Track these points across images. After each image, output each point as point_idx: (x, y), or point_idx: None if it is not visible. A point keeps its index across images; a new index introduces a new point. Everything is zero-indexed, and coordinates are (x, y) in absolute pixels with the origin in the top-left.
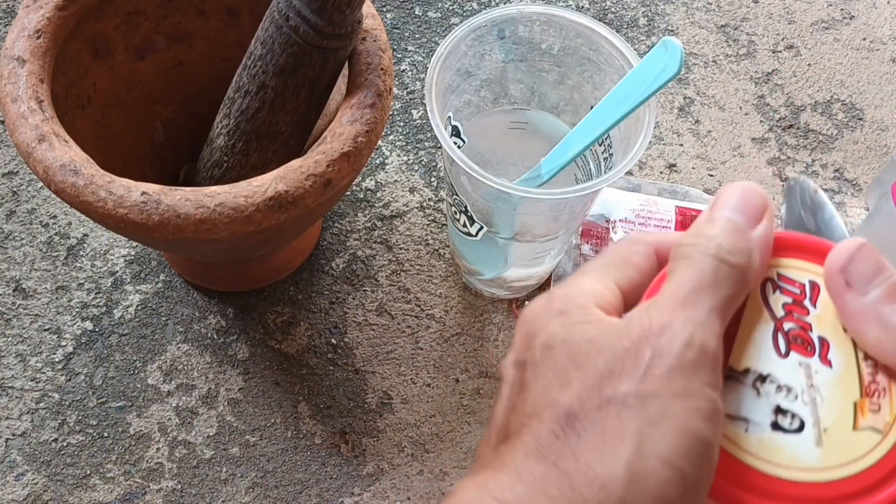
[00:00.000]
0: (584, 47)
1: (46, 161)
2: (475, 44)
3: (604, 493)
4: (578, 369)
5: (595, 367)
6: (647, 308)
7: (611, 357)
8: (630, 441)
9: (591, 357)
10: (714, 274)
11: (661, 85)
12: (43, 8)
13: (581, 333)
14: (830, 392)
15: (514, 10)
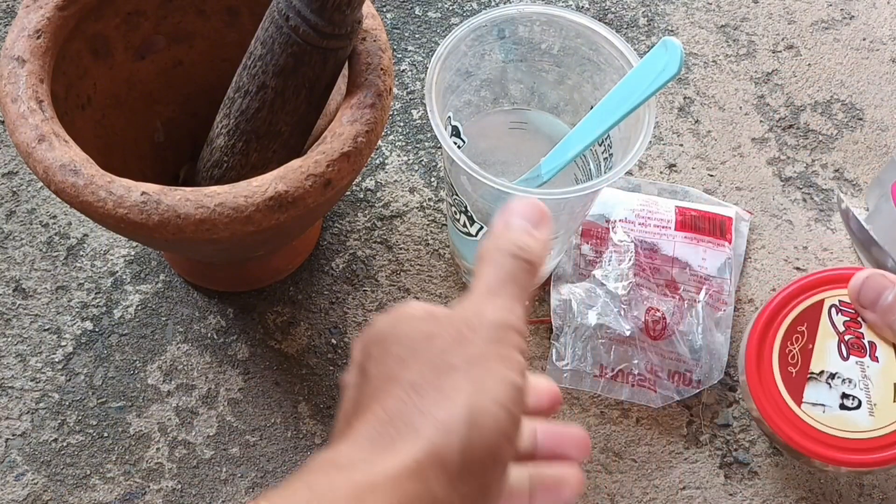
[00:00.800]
0: (584, 47)
1: (46, 161)
2: (475, 44)
3: (450, 434)
4: (416, 354)
5: (430, 351)
6: (464, 300)
7: (440, 342)
8: (465, 392)
9: (426, 344)
10: (511, 269)
11: (662, 85)
12: (43, 8)
13: (414, 328)
14: (878, 379)
15: (514, 10)
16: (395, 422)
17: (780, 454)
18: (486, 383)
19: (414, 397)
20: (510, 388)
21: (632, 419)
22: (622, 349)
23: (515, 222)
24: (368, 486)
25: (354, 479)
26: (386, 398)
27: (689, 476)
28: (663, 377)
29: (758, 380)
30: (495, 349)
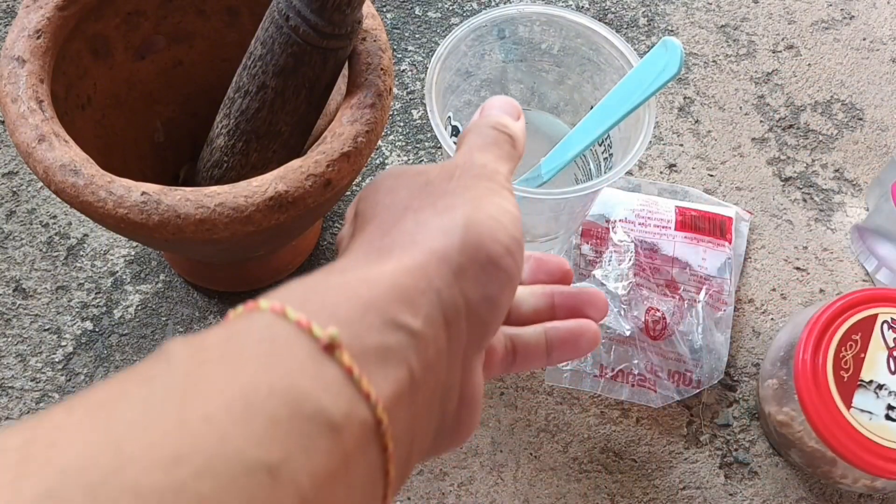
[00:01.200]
0: (584, 47)
1: (46, 161)
2: (475, 44)
3: (449, 237)
4: (410, 186)
5: (423, 183)
6: (452, 157)
7: (433, 177)
8: (462, 209)
9: (418, 178)
10: (494, 137)
11: (662, 85)
12: (43, 8)
13: (405, 171)
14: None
15: (514, 10)
16: (392, 233)
17: (780, 454)
18: (482, 203)
19: (410, 214)
20: (506, 212)
21: (632, 419)
22: (622, 349)
23: (494, 111)
24: (362, 280)
25: (349, 277)
26: (382, 218)
27: (689, 476)
28: (663, 377)
29: (811, 381)
30: (487, 184)
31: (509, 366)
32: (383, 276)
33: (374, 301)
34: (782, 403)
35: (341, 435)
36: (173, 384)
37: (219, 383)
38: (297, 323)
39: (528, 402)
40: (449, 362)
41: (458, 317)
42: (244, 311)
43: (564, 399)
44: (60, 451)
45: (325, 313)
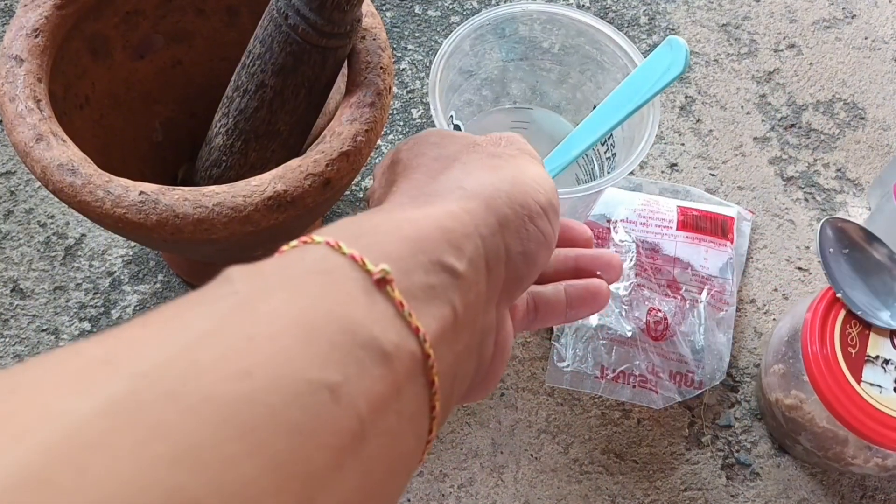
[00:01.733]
0: (586, 46)
1: (44, 160)
2: (476, 43)
3: (497, 189)
4: (451, 140)
5: (463, 140)
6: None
7: (473, 139)
8: (510, 168)
9: (458, 137)
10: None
11: (666, 84)
12: (41, 7)
13: (449, 132)
14: None
15: (517, 8)
16: (440, 179)
17: (782, 455)
18: (528, 169)
19: (458, 165)
20: (547, 180)
21: (633, 420)
22: (623, 350)
23: None
24: (411, 221)
25: (398, 217)
26: (429, 167)
27: (690, 477)
28: (665, 378)
29: (820, 358)
30: (530, 157)
31: (531, 322)
32: (430, 219)
33: (421, 241)
34: (789, 388)
35: (393, 364)
36: (238, 304)
37: (280, 307)
38: (351, 257)
39: (529, 403)
40: (486, 307)
41: (498, 264)
42: (299, 243)
43: (565, 400)
44: (140, 358)
45: (376, 249)
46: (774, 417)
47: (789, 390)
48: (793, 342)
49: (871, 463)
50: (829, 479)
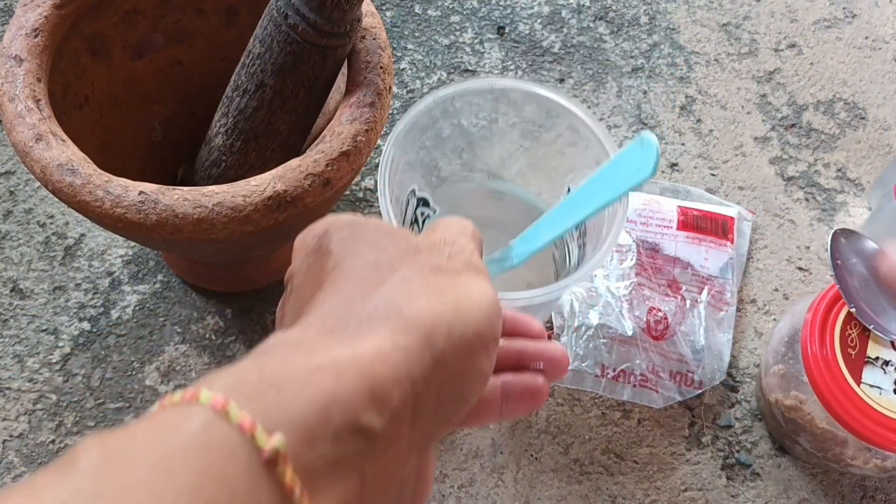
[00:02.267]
0: (560, 126)
1: (43, 160)
2: (442, 117)
3: (436, 318)
4: (390, 241)
5: (404, 242)
6: (431, 229)
7: (415, 243)
8: (454, 291)
9: (398, 237)
10: (472, 229)
11: (634, 185)
12: (41, 6)
13: (382, 223)
14: None
15: (485, 84)
16: (375, 297)
17: (782, 455)
18: (474, 292)
19: (397, 278)
20: (493, 305)
21: (633, 420)
22: (624, 349)
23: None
24: (331, 366)
25: (316, 360)
26: (364, 275)
27: (691, 477)
28: (665, 378)
29: (820, 359)
30: (477, 273)
31: (460, 423)
32: (355, 365)
33: (339, 397)
34: (789, 388)
35: None
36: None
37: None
38: (240, 426)
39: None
40: (406, 457)
41: (426, 410)
42: (181, 401)
43: (565, 400)
44: None
45: (277, 412)
46: (774, 418)
47: (789, 391)
48: (793, 343)
49: (871, 464)
50: (830, 479)
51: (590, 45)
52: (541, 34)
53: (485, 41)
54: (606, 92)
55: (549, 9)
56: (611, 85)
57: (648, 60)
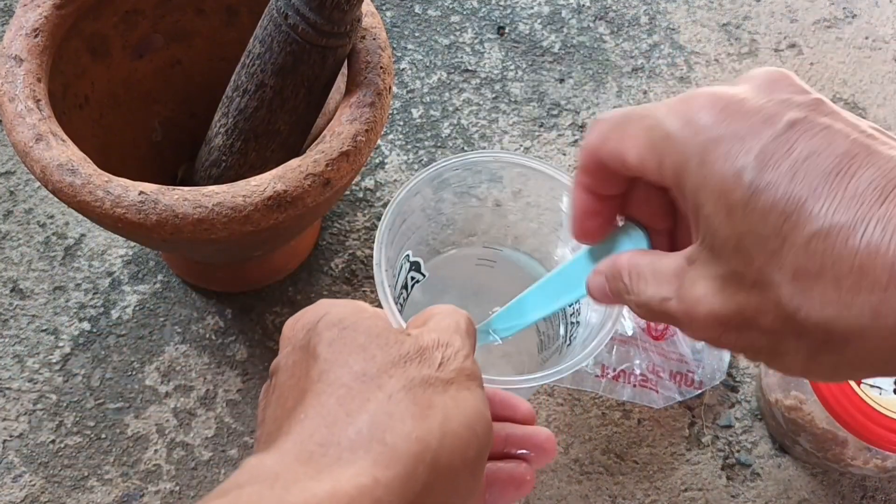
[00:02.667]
0: (555, 200)
1: (44, 160)
2: (440, 186)
3: (420, 447)
4: (381, 347)
5: (396, 347)
6: (425, 330)
7: (405, 349)
8: (441, 412)
9: (390, 341)
10: (466, 323)
11: None
12: (41, 7)
13: (374, 322)
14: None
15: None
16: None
17: (782, 455)
18: (460, 406)
19: (381, 399)
20: (480, 417)
21: (633, 420)
22: (624, 349)
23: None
24: (302, 502)
25: (288, 497)
26: (347, 387)
27: (691, 478)
28: (665, 378)
29: None
30: (466, 380)
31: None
32: (333, 502)
33: None
34: (789, 388)
35: None
36: None
37: None
38: None
39: (529, 403)
40: None
41: None
42: None
43: (566, 400)
44: None
45: None
46: (774, 418)
47: (789, 391)
48: None
49: (871, 464)
50: (830, 479)
51: (590, 45)
52: (541, 34)
53: (485, 41)
54: (606, 92)
55: (549, 9)
56: (611, 85)
57: (648, 60)
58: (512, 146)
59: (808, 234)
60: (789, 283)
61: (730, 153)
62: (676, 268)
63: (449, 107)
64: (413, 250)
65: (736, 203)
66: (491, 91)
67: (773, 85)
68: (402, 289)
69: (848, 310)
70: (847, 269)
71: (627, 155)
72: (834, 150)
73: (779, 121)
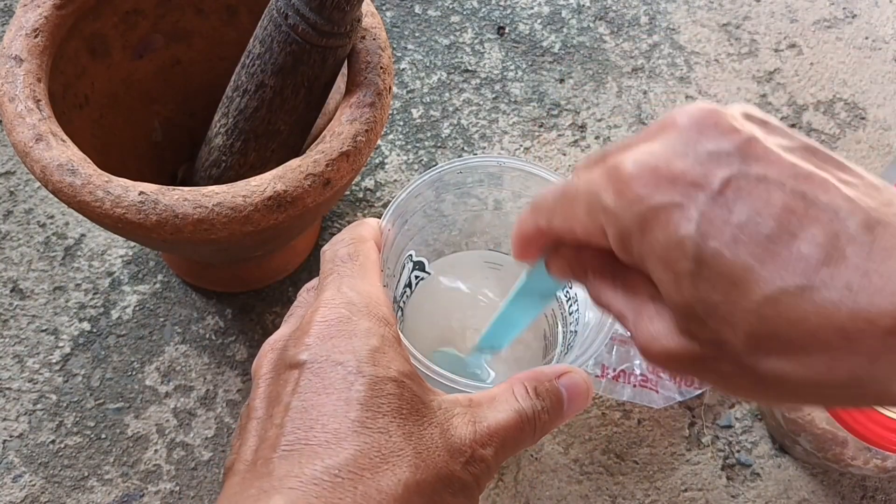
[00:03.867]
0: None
1: (44, 160)
2: (442, 191)
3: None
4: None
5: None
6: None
7: (392, 397)
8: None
9: (371, 388)
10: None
11: None
12: (41, 7)
13: (360, 347)
14: None
15: (493, 162)
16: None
17: (782, 455)
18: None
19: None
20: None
21: (633, 420)
22: (624, 349)
23: None
24: None
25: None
26: (319, 409)
27: (691, 478)
28: (665, 378)
29: None
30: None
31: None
32: None
33: None
34: None
35: None
36: None
37: None
38: None
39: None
40: None
41: None
42: None
43: None
44: None
45: None
46: (774, 418)
47: None
48: None
49: (871, 464)
50: (830, 479)
51: (590, 45)
52: (541, 34)
53: (485, 41)
54: (606, 92)
55: (549, 9)
56: (611, 85)
57: (648, 60)
58: (512, 146)
59: (758, 300)
60: (743, 343)
61: (669, 223)
62: (635, 295)
63: (449, 107)
64: (416, 250)
65: (682, 273)
66: (491, 91)
67: (699, 133)
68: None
69: (802, 367)
70: (799, 331)
71: (576, 230)
72: (772, 210)
73: (712, 181)
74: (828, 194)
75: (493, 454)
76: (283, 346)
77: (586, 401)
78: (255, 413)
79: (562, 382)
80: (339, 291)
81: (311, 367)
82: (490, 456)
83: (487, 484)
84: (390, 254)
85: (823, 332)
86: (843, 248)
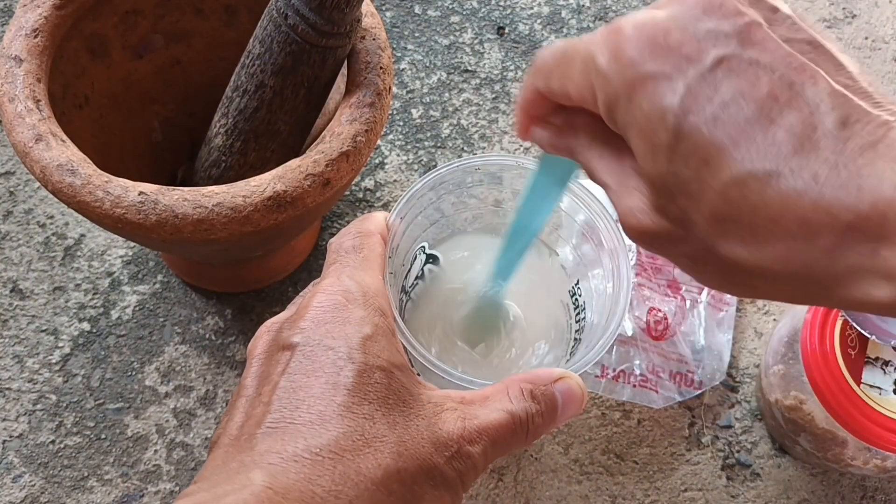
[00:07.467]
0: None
1: (43, 161)
2: (457, 188)
3: None
4: (339, 383)
5: (357, 383)
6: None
7: (376, 383)
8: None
9: (358, 377)
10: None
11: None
12: (40, 7)
13: (352, 336)
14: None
15: (511, 160)
16: (285, 435)
17: (782, 455)
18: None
19: (333, 459)
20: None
21: (633, 420)
22: (624, 349)
23: None
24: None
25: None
26: (306, 391)
27: (690, 478)
28: (665, 378)
29: (820, 358)
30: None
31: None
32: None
33: None
34: (789, 388)
35: None
36: None
37: None
38: None
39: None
40: None
41: None
42: None
43: None
44: None
45: None
46: (774, 418)
47: (789, 391)
48: (793, 343)
49: (871, 464)
50: (830, 479)
51: None
52: (541, 34)
53: (485, 41)
54: None
55: (549, 9)
56: None
57: None
58: (512, 146)
59: (725, 181)
60: (706, 223)
61: (655, 93)
62: (621, 167)
63: (449, 107)
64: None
65: (660, 145)
66: (491, 91)
67: (703, 11)
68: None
69: (760, 253)
70: (760, 217)
71: (570, 92)
72: (757, 93)
73: (704, 58)
74: (815, 87)
75: (480, 452)
76: (278, 328)
77: (580, 407)
78: (245, 391)
79: (557, 387)
80: (339, 280)
81: (303, 350)
82: (477, 454)
83: (473, 482)
84: (400, 245)
85: (784, 220)
86: (818, 141)
